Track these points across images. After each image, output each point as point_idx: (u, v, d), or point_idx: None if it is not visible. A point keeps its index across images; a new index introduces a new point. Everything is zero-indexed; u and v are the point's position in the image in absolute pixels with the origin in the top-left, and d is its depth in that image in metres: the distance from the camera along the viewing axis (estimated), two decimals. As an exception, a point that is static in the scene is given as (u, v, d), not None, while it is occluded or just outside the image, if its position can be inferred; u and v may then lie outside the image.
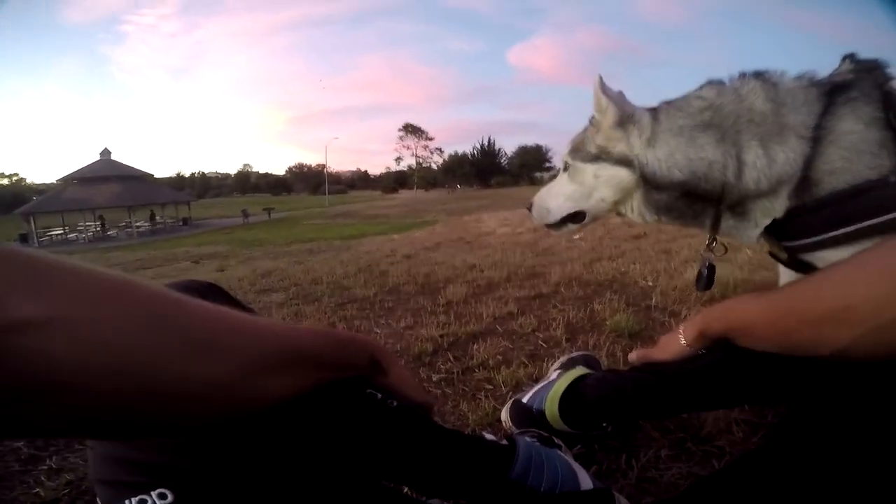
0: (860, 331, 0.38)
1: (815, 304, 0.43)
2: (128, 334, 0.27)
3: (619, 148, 0.76)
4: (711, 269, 0.81)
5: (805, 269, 0.74)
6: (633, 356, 0.76)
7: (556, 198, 0.87)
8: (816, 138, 0.62)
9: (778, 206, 0.68)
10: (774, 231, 0.73)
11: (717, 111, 0.68)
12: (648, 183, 0.74)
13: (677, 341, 0.65)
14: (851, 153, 0.60)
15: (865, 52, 0.67)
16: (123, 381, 0.27)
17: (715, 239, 0.77)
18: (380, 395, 0.52)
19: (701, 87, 0.73)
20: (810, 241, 0.64)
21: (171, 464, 0.39)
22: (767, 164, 0.64)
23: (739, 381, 0.72)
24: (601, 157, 0.78)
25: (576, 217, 0.86)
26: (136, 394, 0.28)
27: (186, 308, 0.33)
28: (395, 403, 0.53)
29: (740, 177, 0.67)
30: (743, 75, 0.69)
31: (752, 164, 0.66)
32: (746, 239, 0.75)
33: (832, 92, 0.63)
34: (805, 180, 0.63)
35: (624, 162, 0.76)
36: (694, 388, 0.75)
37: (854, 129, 0.60)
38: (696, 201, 0.72)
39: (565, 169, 0.87)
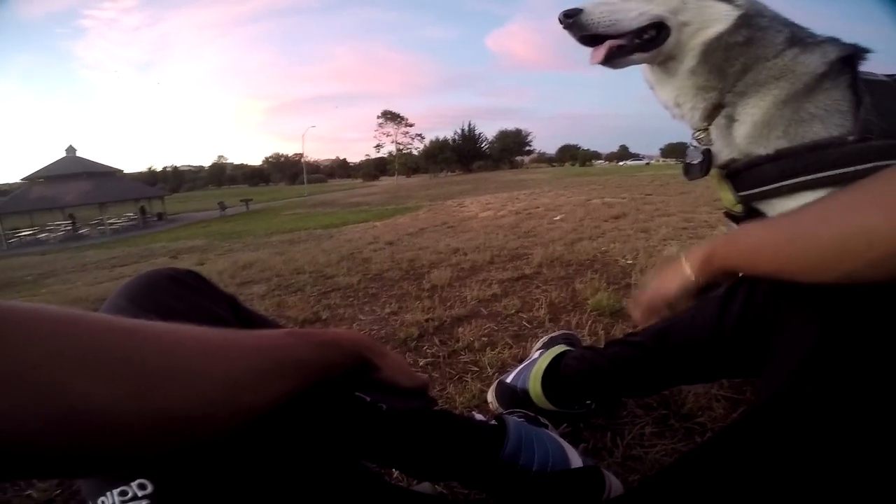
0: (866, 259, 0.38)
1: (820, 229, 0.42)
2: (64, 374, 0.25)
3: None
4: (707, 153, 0.82)
5: None
6: (634, 306, 0.71)
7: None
8: (824, 74, 0.65)
9: (750, 110, 0.70)
10: (734, 182, 0.75)
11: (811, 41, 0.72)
12: None
13: (681, 272, 0.61)
14: (832, 107, 0.63)
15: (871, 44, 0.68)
16: (63, 425, 0.25)
17: (708, 126, 0.79)
18: (368, 399, 0.51)
19: (833, 38, 0.75)
20: (768, 189, 0.67)
21: None
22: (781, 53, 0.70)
23: (715, 355, 0.73)
24: None
25: (657, 31, 0.76)
26: (86, 438, 0.26)
27: (140, 338, 0.31)
28: (384, 407, 0.52)
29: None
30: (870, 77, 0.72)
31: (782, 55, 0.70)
32: (722, 151, 0.77)
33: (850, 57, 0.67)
34: (792, 97, 0.65)
35: None
36: (671, 362, 0.76)
37: (844, 88, 0.64)
38: (729, 55, 0.73)
39: None
